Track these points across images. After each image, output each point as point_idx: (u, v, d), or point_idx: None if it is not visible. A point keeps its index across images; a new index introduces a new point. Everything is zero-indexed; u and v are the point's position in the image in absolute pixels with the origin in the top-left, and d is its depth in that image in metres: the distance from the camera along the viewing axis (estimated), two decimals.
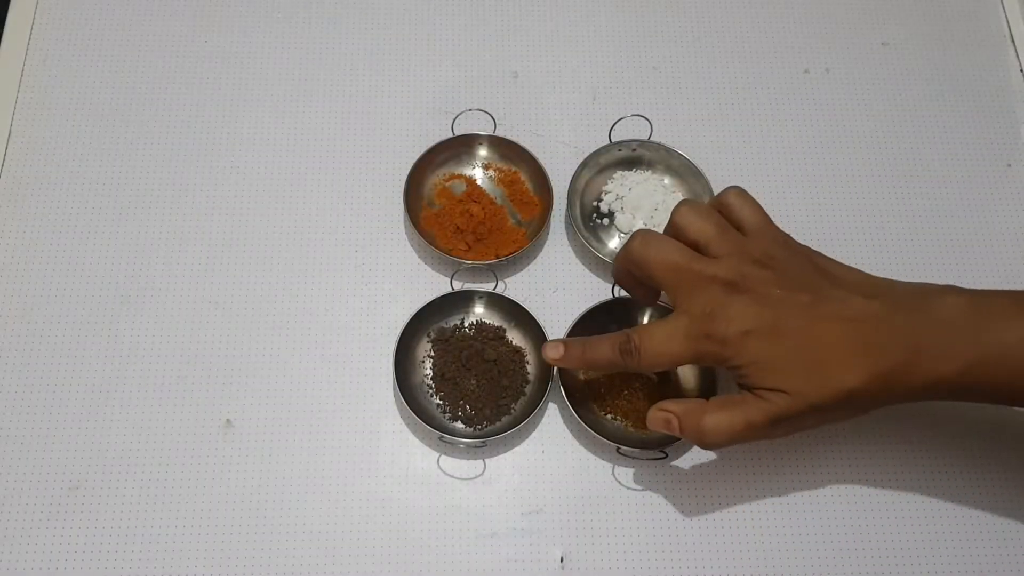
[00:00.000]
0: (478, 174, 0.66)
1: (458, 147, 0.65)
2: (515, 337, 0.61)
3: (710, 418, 0.50)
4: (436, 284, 0.62)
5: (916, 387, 0.48)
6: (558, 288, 0.63)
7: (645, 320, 0.61)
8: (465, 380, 0.59)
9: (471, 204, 0.63)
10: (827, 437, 0.59)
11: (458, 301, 0.61)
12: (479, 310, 0.62)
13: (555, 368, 0.58)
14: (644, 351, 0.51)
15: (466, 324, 0.61)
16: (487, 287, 0.62)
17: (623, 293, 0.60)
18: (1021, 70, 0.71)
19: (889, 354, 0.48)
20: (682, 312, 0.50)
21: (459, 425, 0.58)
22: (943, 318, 0.48)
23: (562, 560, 0.56)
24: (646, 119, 0.65)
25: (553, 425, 0.59)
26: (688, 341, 0.50)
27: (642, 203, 0.64)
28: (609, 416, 0.59)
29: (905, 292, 0.50)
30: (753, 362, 0.49)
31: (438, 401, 0.59)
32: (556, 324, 0.60)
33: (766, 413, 0.49)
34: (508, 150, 0.65)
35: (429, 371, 0.60)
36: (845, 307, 0.49)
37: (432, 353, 0.60)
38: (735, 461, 0.58)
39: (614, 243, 0.64)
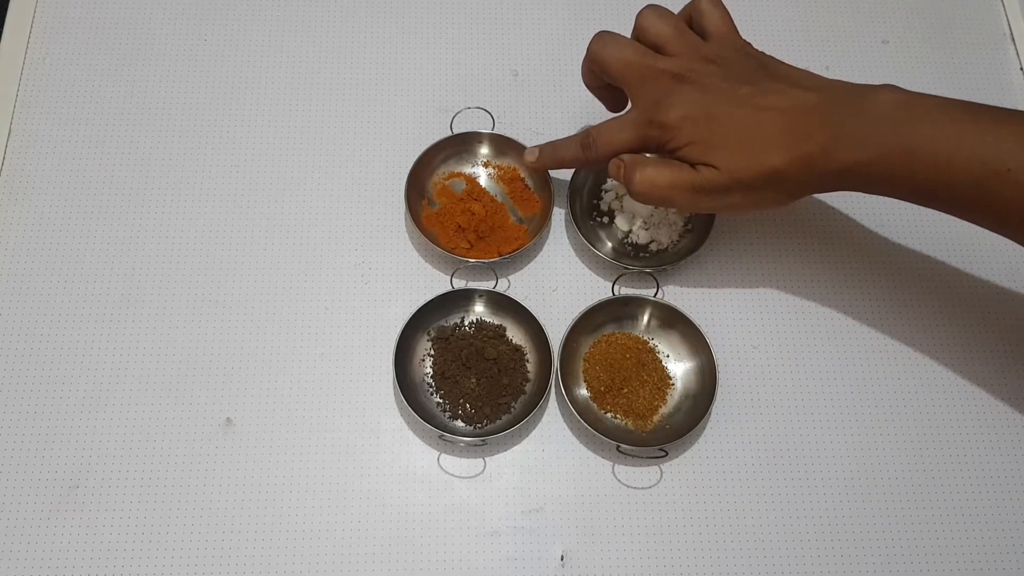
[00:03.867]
0: (478, 172, 0.65)
1: (458, 145, 0.65)
2: (515, 336, 0.61)
3: (643, 169, 0.54)
4: (436, 282, 0.62)
5: (833, 171, 0.51)
6: (558, 287, 0.63)
7: (645, 318, 0.61)
8: (465, 379, 0.59)
9: (472, 203, 0.63)
10: (826, 436, 0.59)
11: (458, 299, 0.61)
12: (479, 308, 0.62)
13: (555, 367, 0.58)
14: (599, 142, 0.56)
15: (466, 322, 0.61)
16: (487, 285, 0.62)
17: (624, 292, 0.60)
18: (1021, 69, 0.71)
19: (813, 139, 0.51)
20: (634, 106, 0.55)
21: (459, 424, 0.58)
22: (871, 110, 0.50)
23: (562, 558, 0.56)
24: None
25: (553, 423, 0.59)
26: (636, 128, 0.55)
27: None
28: (609, 415, 0.59)
29: (845, 88, 0.52)
30: (690, 142, 0.53)
31: (438, 400, 0.59)
32: (556, 322, 0.60)
33: (692, 181, 0.53)
34: (508, 148, 0.65)
35: (429, 370, 0.60)
36: (783, 98, 0.52)
37: (432, 351, 0.60)
38: (735, 458, 0.58)
39: (614, 242, 0.64)
